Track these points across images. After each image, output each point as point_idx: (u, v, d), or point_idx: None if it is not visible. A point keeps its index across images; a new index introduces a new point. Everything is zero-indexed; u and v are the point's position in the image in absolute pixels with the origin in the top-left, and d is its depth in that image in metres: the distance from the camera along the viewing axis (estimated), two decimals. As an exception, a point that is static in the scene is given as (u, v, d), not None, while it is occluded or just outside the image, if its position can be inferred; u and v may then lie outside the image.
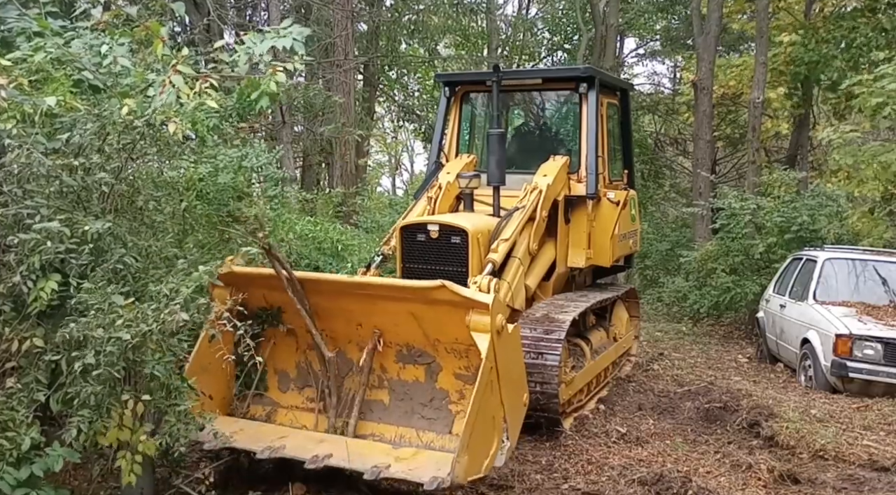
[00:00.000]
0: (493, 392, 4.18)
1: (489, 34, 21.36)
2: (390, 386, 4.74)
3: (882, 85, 9.09)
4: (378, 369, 4.75)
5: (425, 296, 4.28)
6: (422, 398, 4.65)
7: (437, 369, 4.62)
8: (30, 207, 3.38)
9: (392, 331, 4.63)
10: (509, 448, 4.36)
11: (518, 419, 4.59)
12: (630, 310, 8.31)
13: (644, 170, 20.80)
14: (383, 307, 4.53)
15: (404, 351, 4.68)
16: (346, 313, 4.67)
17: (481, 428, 4.07)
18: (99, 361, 3.21)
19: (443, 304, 4.25)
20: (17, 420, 3.21)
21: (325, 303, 4.66)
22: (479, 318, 4.12)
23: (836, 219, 11.04)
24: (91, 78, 3.87)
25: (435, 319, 4.40)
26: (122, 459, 3.41)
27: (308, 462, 3.99)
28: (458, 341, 4.42)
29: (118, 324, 3.23)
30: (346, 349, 4.83)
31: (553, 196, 6.63)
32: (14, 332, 3.32)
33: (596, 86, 7.06)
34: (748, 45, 20.65)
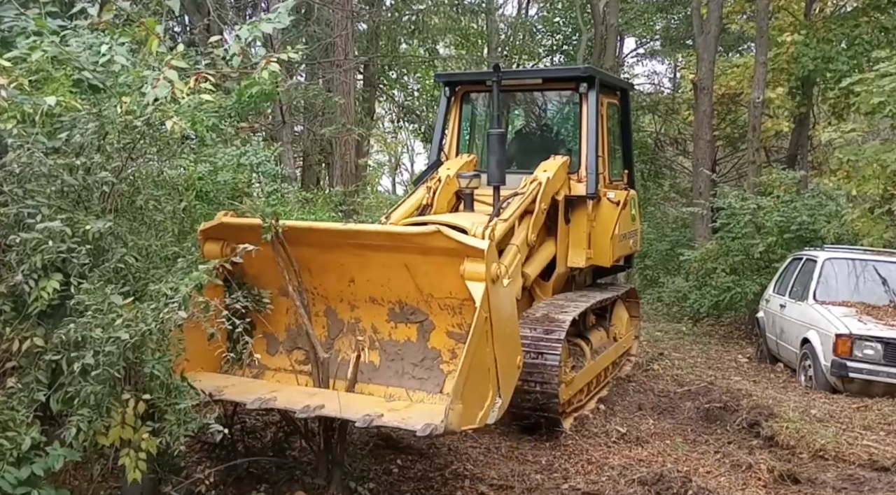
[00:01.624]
0: (487, 343, 4.10)
1: (489, 34, 21.36)
2: (381, 347, 4.63)
3: (883, 84, 9.09)
4: (369, 329, 4.65)
5: (420, 243, 4.17)
6: (413, 358, 4.56)
7: (430, 328, 4.53)
8: (31, 207, 3.38)
9: (385, 287, 4.52)
10: (501, 406, 4.24)
11: (511, 379, 4.49)
12: (630, 310, 8.31)
13: (644, 170, 20.81)
14: (376, 259, 4.40)
15: (397, 309, 4.57)
16: (339, 267, 4.54)
17: (475, 378, 3.98)
18: (98, 361, 3.20)
19: (437, 253, 4.15)
20: (18, 420, 3.21)
21: (316, 256, 4.53)
22: (473, 266, 4.02)
23: (836, 218, 11.04)
24: (90, 77, 3.87)
25: (429, 271, 4.29)
26: (126, 457, 3.40)
27: (299, 412, 3.88)
28: (452, 295, 4.32)
29: (117, 323, 3.23)
30: (337, 308, 4.72)
31: (552, 191, 6.61)
32: (14, 332, 3.32)
33: (596, 85, 7.06)
34: (748, 46, 20.65)
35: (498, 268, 4.14)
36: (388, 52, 19.03)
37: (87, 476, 4.22)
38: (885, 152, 9.46)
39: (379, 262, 4.42)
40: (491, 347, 4.14)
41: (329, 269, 4.58)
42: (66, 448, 3.32)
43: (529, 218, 6.30)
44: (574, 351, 6.48)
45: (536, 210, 6.30)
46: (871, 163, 9.63)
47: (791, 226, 11.50)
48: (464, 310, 4.33)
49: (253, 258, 4.46)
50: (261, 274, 4.61)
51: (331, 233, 4.53)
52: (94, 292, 3.32)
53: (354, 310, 4.66)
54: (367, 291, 4.59)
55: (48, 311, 3.39)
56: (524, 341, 5.69)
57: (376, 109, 21.61)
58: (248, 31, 3.75)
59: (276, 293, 4.67)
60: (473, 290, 4.01)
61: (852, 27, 15.27)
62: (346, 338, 4.67)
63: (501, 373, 4.27)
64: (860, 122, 11.15)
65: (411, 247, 4.24)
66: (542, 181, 6.41)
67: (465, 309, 4.28)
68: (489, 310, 4.06)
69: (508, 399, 4.39)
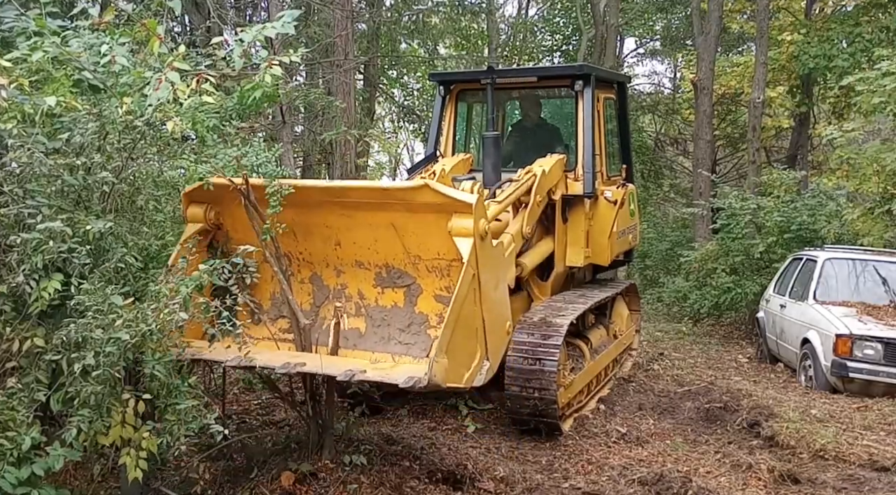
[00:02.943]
0: (474, 302, 4.00)
1: (489, 35, 21.36)
2: (367, 313, 4.53)
3: (884, 84, 9.09)
4: (356, 296, 4.55)
5: (407, 199, 4.09)
6: (400, 323, 4.47)
7: (417, 292, 4.43)
8: (31, 207, 3.38)
9: (372, 249, 4.43)
10: (489, 369, 4.16)
11: (500, 344, 4.38)
12: (630, 305, 8.29)
13: (644, 170, 20.80)
14: (363, 219, 4.31)
15: (383, 273, 4.48)
16: (324, 230, 4.45)
17: (462, 336, 3.89)
18: (99, 362, 3.20)
19: (425, 210, 4.08)
20: (18, 420, 3.21)
21: (301, 217, 4.42)
22: (461, 222, 3.94)
23: (836, 218, 11.04)
24: (90, 77, 3.87)
25: (416, 230, 4.21)
26: (127, 456, 3.40)
27: (279, 368, 3.84)
28: (440, 256, 4.23)
29: (118, 324, 3.23)
30: (322, 274, 4.62)
31: (548, 185, 6.54)
32: (15, 332, 3.32)
33: (592, 83, 7.02)
34: (748, 46, 20.66)
35: (486, 224, 4.03)
36: (388, 52, 19.04)
37: (87, 476, 4.22)
38: (884, 152, 9.46)
39: (365, 222, 4.31)
40: (479, 306, 4.04)
41: (314, 232, 4.47)
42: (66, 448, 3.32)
43: (524, 211, 6.21)
44: (573, 353, 6.45)
45: (531, 202, 6.21)
46: (870, 162, 9.63)
47: (791, 226, 11.50)
48: (451, 273, 4.22)
49: (236, 223, 4.45)
50: (244, 240, 4.50)
51: (316, 191, 4.39)
52: (94, 293, 3.33)
53: (340, 276, 4.55)
54: (353, 255, 4.48)
55: (48, 312, 3.39)
56: (521, 346, 5.66)
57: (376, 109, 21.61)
58: (251, 36, 3.75)
59: (261, 261, 4.54)
60: (461, 246, 3.92)
61: (853, 26, 15.27)
62: (331, 305, 4.55)
63: (490, 335, 4.17)
64: (860, 121, 11.15)
65: (398, 203, 4.14)
66: (538, 173, 6.37)
67: (453, 271, 4.16)
68: (477, 267, 3.96)
69: (497, 364, 4.29)
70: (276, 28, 3.77)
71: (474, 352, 4.05)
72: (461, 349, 3.90)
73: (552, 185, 6.65)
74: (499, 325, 4.37)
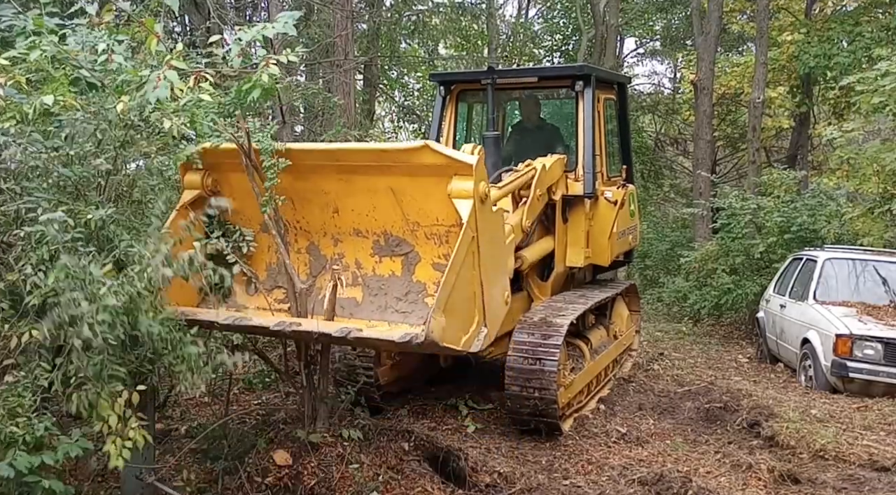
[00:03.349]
0: (473, 266, 3.95)
1: (489, 35, 21.36)
2: (365, 282, 4.48)
3: (883, 84, 9.09)
4: (353, 265, 4.49)
5: (407, 160, 4.03)
6: (397, 292, 4.41)
7: (415, 260, 4.37)
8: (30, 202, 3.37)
9: (370, 216, 4.37)
10: (487, 336, 4.10)
11: (498, 312, 4.32)
12: (630, 306, 8.30)
13: (644, 170, 20.81)
14: (362, 184, 4.25)
15: (381, 241, 4.42)
16: (322, 196, 4.39)
17: (460, 298, 3.83)
18: (95, 331, 3.18)
19: (425, 173, 4.02)
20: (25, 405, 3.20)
21: (300, 184, 4.35)
22: (461, 183, 3.89)
23: (836, 218, 11.04)
24: (87, 75, 3.86)
25: (415, 195, 4.15)
26: (112, 444, 3.38)
27: (273, 326, 3.82)
28: (439, 222, 4.18)
29: (102, 292, 3.21)
30: (320, 243, 4.57)
31: (549, 181, 6.52)
32: (13, 329, 3.31)
33: (592, 83, 7.02)
34: (748, 46, 20.66)
35: (487, 187, 4.00)
36: (388, 52, 19.04)
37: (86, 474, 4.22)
38: (884, 152, 9.47)
39: (364, 187, 4.25)
40: (477, 271, 3.98)
41: (312, 199, 4.41)
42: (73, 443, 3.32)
43: (525, 204, 6.17)
44: (573, 353, 6.45)
45: (531, 196, 6.18)
46: (870, 162, 9.64)
47: (791, 227, 11.50)
48: (450, 239, 4.16)
49: (234, 191, 4.38)
50: (242, 208, 4.46)
51: (314, 155, 4.31)
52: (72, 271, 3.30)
53: (338, 245, 4.50)
54: (351, 223, 4.43)
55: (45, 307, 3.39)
56: (521, 346, 5.67)
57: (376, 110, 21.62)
58: (250, 35, 3.75)
59: (257, 230, 4.50)
60: (460, 208, 3.87)
61: (853, 25, 15.28)
62: (328, 275, 4.49)
63: (488, 302, 4.12)
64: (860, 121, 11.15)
65: (398, 166, 4.08)
66: (538, 167, 6.34)
67: (452, 237, 4.11)
68: (476, 231, 3.91)
69: (494, 333, 4.23)
70: (275, 28, 3.77)
71: (472, 317, 3.99)
72: (459, 311, 3.84)
73: (552, 182, 6.63)
74: (497, 293, 4.30)
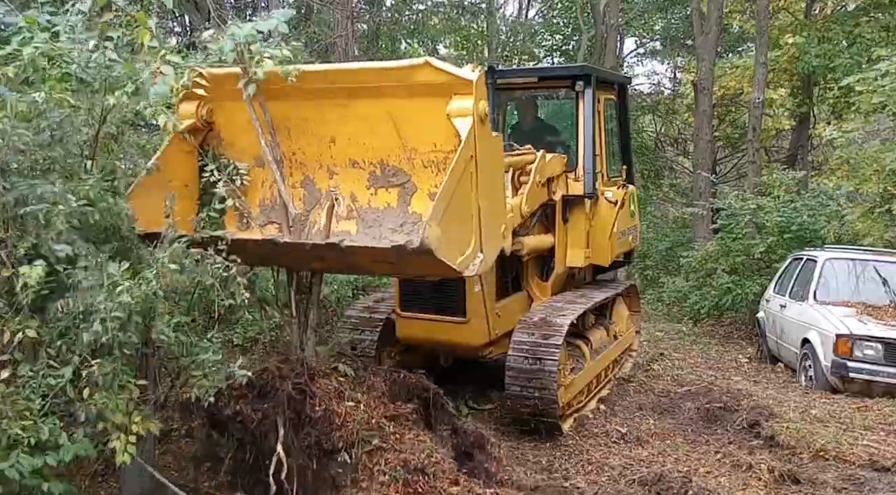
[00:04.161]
0: (471, 187, 3.87)
1: (489, 35, 21.36)
2: (359, 215, 4.41)
3: (883, 84, 9.09)
4: (348, 198, 4.43)
5: (407, 78, 3.97)
6: (392, 223, 4.31)
7: (412, 190, 4.28)
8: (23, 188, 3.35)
9: (367, 145, 4.29)
10: (483, 262, 4.00)
11: (495, 242, 4.24)
12: (630, 306, 8.29)
13: (644, 170, 20.81)
14: (360, 110, 4.17)
15: (378, 172, 4.34)
16: (319, 125, 4.32)
17: (456, 215, 3.75)
18: (106, 328, 3.17)
19: (424, 93, 3.96)
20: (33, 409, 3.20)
21: (297, 112, 4.26)
22: (461, 102, 3.83)
23: (837, 218, 11.04)
24: (79, 71, 3.85)
25: (414, 118, 4.09)
26: (117, 440, 3.38)
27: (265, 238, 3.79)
28: (437, 148, 4.10)
29: (119, 290, 3.22)
30: (315, 177, 4.50)
31: (549, 172, 6.51)
32: (7, 325, 3.31)
33: (592, 83, 7.02)
34: (748, 46, 20.66)
35: (486, 107, 3.95)
36: (388, 52, 19.04)
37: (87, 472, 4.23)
38: (884, 152, 9.47)
39: (362, 113, 4.19)
40: (475, 193, 3.91)
41: (309, 129, 4.35)
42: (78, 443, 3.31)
43: (524, 189, 6.14)
44: (573, 353, 6.45)
45: (531, 181, 6.15)
46: (870, 162, 9.64)
47: (791, 227, 11.50)
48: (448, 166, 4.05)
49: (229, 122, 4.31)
50: (235, 141, 4.36)
51: (313, 77, 4.17)
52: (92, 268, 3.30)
53: (333, 178, 4.44)
54: (347, 152, 4.37)
55: (39, 303, 3.38)
56: (522, 346, 5.67)
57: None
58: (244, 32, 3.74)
59: (252, 164, 4.41)
60: (459, 126, 3.82)
61: (853, 26, 15.28)
62: (322, 210, 4.42)
63: (485, 229, 4.05)
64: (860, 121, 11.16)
65: (397, 87, 4.02)
66: (539, 154, 6.32)
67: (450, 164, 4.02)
68: (475, 151, 3.85)
69: (491, 261, 4.17)
70: (268, 24, 3.76)
71: (468, 239, 3.91)
72: (455, 228, 3.76)
73: (552, 174, 6.61)
74: (495, 222, 4.22)
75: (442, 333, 6.06)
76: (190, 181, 4.28)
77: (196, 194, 4.44)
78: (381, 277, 9.13)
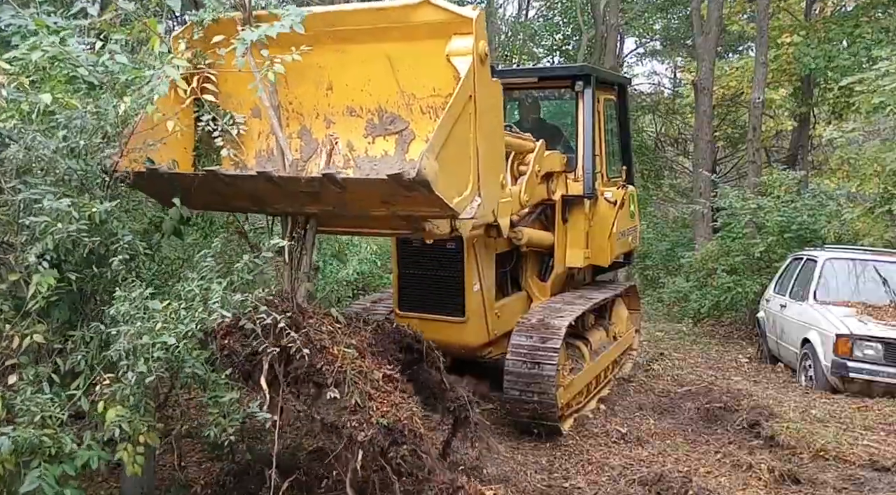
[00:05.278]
0: (469, 128, 3.81)
1: (489, 35, 21.35)
2: (356, 164, 4.35)
3: (883, 84, 9.10)
4: (345, 148, 4.37)
5: (406, 18, 3.90)
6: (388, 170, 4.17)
7: (409, 137, 4.23)
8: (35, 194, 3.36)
9: (365, 91, 4.23)
10: (481, 206, 3.93)
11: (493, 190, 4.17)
12: (630, 305, 8.28)
13: (644, 170, 20.81)
14: (357, 54, 4.11)
15: (375, 119, 4.29)
16: (317, 72, 4.26)
17: (454, 154, 3.68)
18: (150, 368, 3.22)
19: (423, 34, 3.89)
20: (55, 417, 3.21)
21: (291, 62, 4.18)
22: (460, 41, 3.76)
23: (837, 218, 11.04)
24: (86, 74, 3.86)
25: (412, 61, 4.02)
26: (124, 451, 3.39)
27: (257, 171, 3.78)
28: (436, 92, 4.04)
29: (158, 328, 3.25)
30: (312, 126, 4.45)
31: (548, 165, 6.50)
32: (15, 330, 3.31)
33: (592, 83, 7.02)
34: (748, 46, 20.67)
35: (486, 47, 3.89)
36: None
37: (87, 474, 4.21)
38: (884, 152, 9.47)
39: (360, 58, 4.12)
40: (473, 135, 3.85)
41: (306, 75, 4.27)
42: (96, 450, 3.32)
43: (523, 178, 6.08)
44: (572, 353, 6.44)
45: (530, 171, 6.10)
46: (871, 162, 9.64)
47: (791, 226, 11.50)
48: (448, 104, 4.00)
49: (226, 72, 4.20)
50: (233, 91, 4.30)
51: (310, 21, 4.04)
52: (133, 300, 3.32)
53: (331, 127, 4.39)
54: (345, 100, 4.32)
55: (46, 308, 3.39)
56: (520, 350, 5.66)
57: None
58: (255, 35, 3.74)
59: (248, 115, 4.34)
60: (458, 65, 3.75)
61: (853, 27, 15.28)
62: (319, 159, 4.36)
63: (483, 173, 3.98)
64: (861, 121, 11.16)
65: (395, 28, 3.96)
66: (538, 145, 6.28)
67: None
68: (474, 91, 3.79)
69: (489, 208, 4.12)
70: (283, 27, 3.75)
71: (466, 180, 3.84)
72: (453, 166, 3.69)
73: (551, 170, 6.60)
74: (493, 168, 4.17)
75: (440, 333, 6.02)
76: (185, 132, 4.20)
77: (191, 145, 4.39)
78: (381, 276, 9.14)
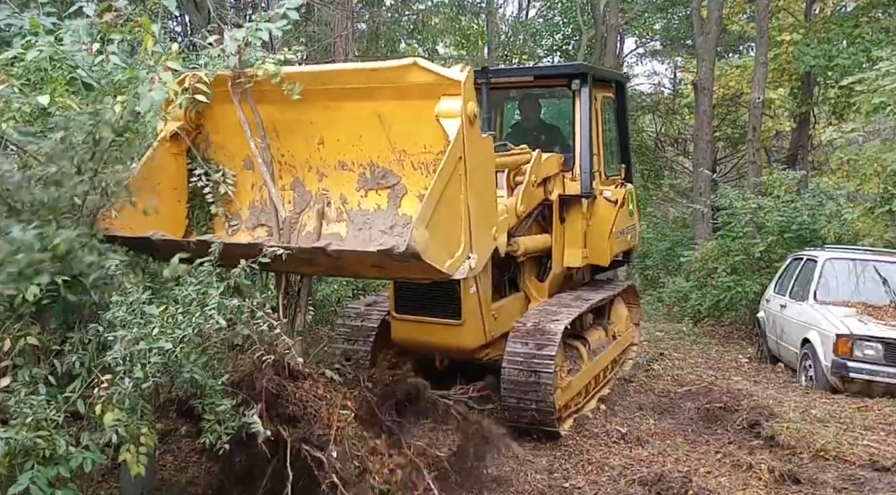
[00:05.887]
0: (460, 188, 3.81)
1: (489, 35, 21.37)
2: (349, 217, 4.38)
3: (883, 84, 9.09)
4: (338, 200, 4.40)
5: (396, 79, 3.93)
6: (382, 225, 4.28)
7: (402, 192, 4.24)
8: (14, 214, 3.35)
9: (356, 147, 4.26)
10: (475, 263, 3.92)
11: (486, 244, 4.16)
12: (630, 306, 8.26)
13: (644, 170, 20.82)
14: (348, 111, 4.14)
15: (367, 174, 4.30)
16: (307, 127, 4.28)
17: (445, 217, 3.68)
18: (146, 373, 3.21)
19: (413, 96, 3.92)
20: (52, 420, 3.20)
21: (285, 114, 4.22)
22: (449, 103, 3.77)
23: (837, 218, 11.04)
24: (84, 75, 3.85)
25: (403, 120, 4.05)
26: (127, 452, 3.39)
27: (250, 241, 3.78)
28: (427, 149, 4.06)
29: (155, 333, 3.24)
30: (304, 179, 4.47)
31: (545, 172, 6.48)
32: (7, 332, 3.30)
33: (588, 82, 6.97)
34: (748, 46, 20.66)
35: (475, 107, 3.89)
36: (388, 52, 19.04)
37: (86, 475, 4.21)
38: (884, 152, 9.47)
39: (351, 115, 4.15)
40: (464, 194, 3.85)
41: (297, 130, 4.31)
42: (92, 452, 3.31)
43: (519, 189, 6.09)
44: (570, 354, 6.40)
45: (526, 181, 6.11)
46: (871, 162, 9.64)
47: (791, 226, 11.50)
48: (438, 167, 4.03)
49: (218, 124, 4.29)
50: (225, 143, 4.35)
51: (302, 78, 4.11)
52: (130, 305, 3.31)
53: (323, 180, 4.42)
54: (336, 155, 4.34)
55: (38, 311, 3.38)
56: (516, 357, 5.61)
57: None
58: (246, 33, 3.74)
59: (241, 167, 4.38)
60: (448, 127, 3.77)
61: (852, 27, 15.29)
62: (312, 211, 4.38)
63: (475, 231, 3.98)
64: (861, 121, 11.16)
65: (386, 88, 3.98)
66: (535, 154, 6.29)
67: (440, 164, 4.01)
68: (464, 151, 3.80)
69: (482, 264, 4.09)
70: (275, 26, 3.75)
71: (458, 241, 3.83)
72: (444, 231, 3.68)
73: (548, 174, 6.58)
74: (485, 224, 4.15)
75: (437, 336, 5.97)
76: (178, 184, 4.27)
77: (185, 197, 4.42)
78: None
